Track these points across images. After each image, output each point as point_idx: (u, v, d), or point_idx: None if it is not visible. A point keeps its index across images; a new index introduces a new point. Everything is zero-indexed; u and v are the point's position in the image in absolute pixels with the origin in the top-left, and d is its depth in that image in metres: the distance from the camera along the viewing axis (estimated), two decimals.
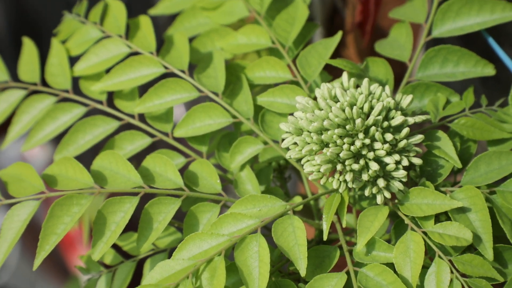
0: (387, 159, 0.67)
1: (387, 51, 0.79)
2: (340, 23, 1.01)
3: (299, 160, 0.73)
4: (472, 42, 0.83)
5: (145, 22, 0.81)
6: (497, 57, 0.79)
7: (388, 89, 0.70)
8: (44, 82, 0.83)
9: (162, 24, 0.91)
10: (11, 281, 1.71)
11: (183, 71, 0.78)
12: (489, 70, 0.75)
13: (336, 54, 0.96)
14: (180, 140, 0.79)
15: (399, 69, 0.81)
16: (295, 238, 0.66)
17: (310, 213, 0.79)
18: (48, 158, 1.72)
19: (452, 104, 0.74)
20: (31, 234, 1.69)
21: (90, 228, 0.97)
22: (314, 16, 1.02)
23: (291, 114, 0.70)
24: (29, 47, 0.84)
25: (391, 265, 0.66)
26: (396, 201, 0.69)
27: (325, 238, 0.68)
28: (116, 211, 0.69)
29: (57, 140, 0.81)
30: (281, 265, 0.71)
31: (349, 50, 1.00)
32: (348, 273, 0.67)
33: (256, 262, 0.65)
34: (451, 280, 0.65)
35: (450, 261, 0.66)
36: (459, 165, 0.69)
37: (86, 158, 0.73)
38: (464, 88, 0.77)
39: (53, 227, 0.68)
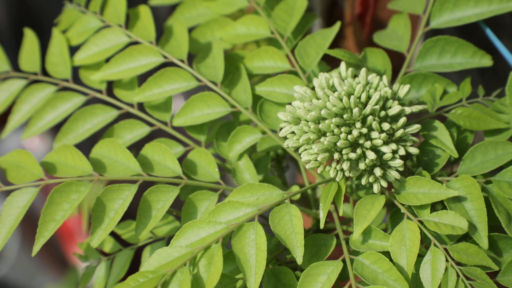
0: (384, 149, 0.68)
1: (386, 42, 0.79)
2: (339, 15, 1.01)
3: (296, 149, 0.73)
4: (470, 33, 0.83)
5: (144, 12, 0.82)
6: (494, 48, 0.80)
7: (385, 79, 0.71)
8: (44, 72, 0.83)
9: (162, 16, 0.91)
10: (10, 273, 1.71)
11: (182, 61, 0.79)
12: (486, 61, 0.76)
13: (335, 45, 0.96)
14: (179, 129, 0.79)
15: (397, 60, 0.82)
16: (292, 226, 0.67)
17: (307, 203, 0.80)
18: (47, 149, 1.72)
19: (449, 95, 0.75)
20: (31, 227, 1.70)
21: (90, 216, 0.98)
22: (314, 8, 1.02)
23: (289, 104, 0.71)
24: (30, 38, 0.85)
25: (387, 254, 0.67)
26: (392, 190, 0.70)
27: (322, 226, 0.68)
28: (115, 198, 0.70)
29: (57, 131, 0.82)
30: (278, 254, 0.72)
31: (348, 41, 1.00)
32: (344, 261, 0.67)
33: (253, 250, 0.65)
34: (446, 268, 0.66)
35: (445, 249, 0.66)
36: (455, 154, 0.70)
37: (84, 147, 0.74)
38: (462, 79, 0.77)
39: (52, 213, 0.69)
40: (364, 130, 0.68)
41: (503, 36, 0.80)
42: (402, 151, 0.68)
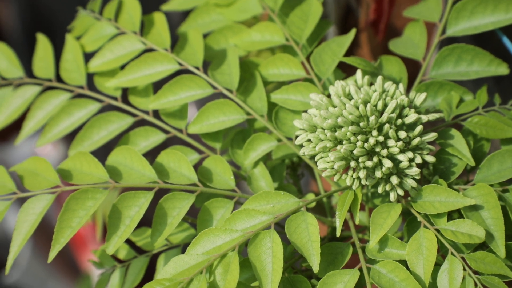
0: (401, 157, 0.68)
1: (401, 50, 0.79)
2: (354, 22, 1.01)
3: (312, 157, 0.73)
4: (486, 41, 0.83)
5: (159, 19, 0.82)
6: (510, 57, 0.79)
7: (402, 87, 0.70)
8: (59, 78, 0.83)
9: (175, 23, 0.91)
10: (22, 279, 1.72)
11: (197, 68, 0.79)
12: (502, 70, 0.76)
13: (350, 53, 0.96)
14: (194, 136, 0.79)
15: (412, 68, 0.81)
16: (308, 234, 0.67)
17: (322, 210, 0.80)
18: (60, 157, 1.73)
19: (466, 103, 0.75)
20: (42, 233, 1.70)
21: (104, 224, 0.98)
22: (328, 15, 1.02)
23: (305, 111, 0.71)
24: (43, 44, 0.85)
25: (403, 262, 0.66)
26: (409, 198, 0.70)
27: (338, 234, 0.68)
28: (130, 205, 0.70)
29: (69, 138, 0.82)
30: (293, 262, 0.72)
31: (363, 49, 1.00)
32: (360, 269, 0.67)
33: (270, 258, 0.65)
34: (464, 277, 0.65)
35: (462, 258, 0.66)
36: (472, 163, 0.70)
37: (97, 155, 0.74)
38: (478, 88, 0.77)
39: (68, 220, 0.69)
40: (381, 138, 0.68)
41: None
42: (418, 160, 0.68)
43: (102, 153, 0.76)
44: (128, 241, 0.77)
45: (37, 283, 1.73)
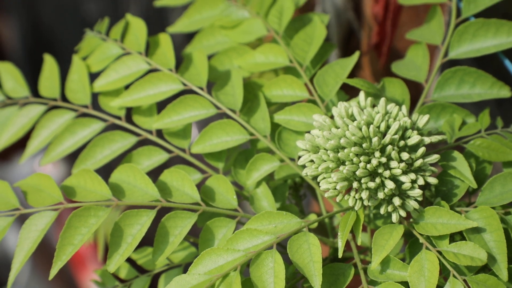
0: (403, 178, 0.68)
1: (404, 72, 0.80)
2: (356, 45, 1.02)
3: (315, 177, 0.73)
4: (488, 64, 0.84)
5: (164, 40, 0.82)
6: None
7: (404, 108, 0.71)
8: (64, 98, 0.84)
9: (177, 45, 0.92)
10: None
11: (201, 88, 0.79)
12: (505, 92, 0.76)
13: (352, 75, 0.96)
14: (197, 156, 0.80)
15: (414, 91, 0.82)
16: (310, 255, 0.67)
17: (324, 231, 0.80)
18: (60, 176, 1.73)
19: (468, 125, 0.75)
20: (42, 252, 1.70)
21: (106, 244, 0.98)
22: (330, 37, 1.03)
23: (308, 132, 0.71)
24: (50, 64, 0.86)
25: (405, 284, 0.66)
26: (411, 220, 0.70)
27: (340, 255, 0.68)
28: (133, 223, 0.70)
29: (70, 158, 0.82)
30: (295, 282, 0.72)
31: (365, 71, 1.01)
32: None
33: (272, 278, 0.65)
34: None
35: (464, 281, 0.66)
36: (474, 185, 0.70)
37: (100, 174, 0.74)
38: (480, 110, 0.77)
39: (70, 237, 0.69)
40: (383, 160, 0.68)
41: None
42: (421, 181, 0.68)
43: (103, 172, 0.76)
44: (129, 261, 0.77)
45: None
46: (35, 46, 1.73)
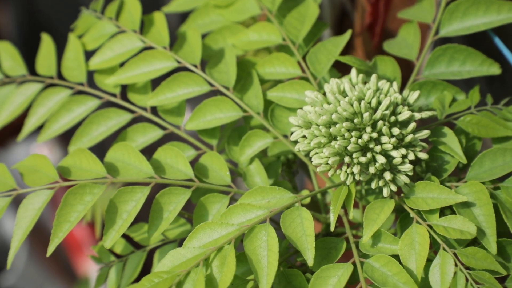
0: (394, 153, 0.69)
1: (395, 50, 0.80)
2: (349, 26, 1.03)
3: (307, 153, 0.74)
4: (479, 43, 0.84)
5: (159, 18, 0.83)
6: (503, 58, 0.81)
7: (395, 85, 0.72)
8: (60, 76, 0.85)
9: (172, 25, 0.92)
10: (18, 283, 1.72)
11: (195, 66, 0.80)
12: (494, 69, 0.77)
13: (345, 55, 0.97)
14: (191, 133, 0.81)
15: (405, 69, 0.83)
16: (303, 228, 0.68)
17: (317, 208, 0.81)
18: (56, 160, 1.73)
19: (458, 102, 0.76)
20: (38, 237, 1.71)
21: (103, 222, 0.99)
22: (324, 19, 1.03)
23: (300, 109, 0.72)
24: (47, 43, 0.86)
25: (396, 257, 0.67)
26: (402, 195, 0.71)
27: (332, 229, 0.69)
28: (127, 200, 0.71)
29: (66, 142, 0.83)
30: (288, 256, 0.73)
31: (357, 52, 1.02)
32: (354, 264, 0.68)
33: (265, 251, 0.66)
34: (455, 272, 0.66)
35: (454, 254, 0.67)
36: (464, 160, 0.71)
37: (94, 153, 0.75)
38: (470, 88, 0.78)
39: (66, 215, 0.70)
40: (374, 135, 0.69)
41: (511, 45, 0.81)
42: (411, 156, 0.69)
43: (97, 150, 0.77)
44: (125, 236, 0.78)
45: (33, 287, 1.74)
46: (32, 33, 1.73)
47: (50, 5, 1.74)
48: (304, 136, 0.71)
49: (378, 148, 0.69)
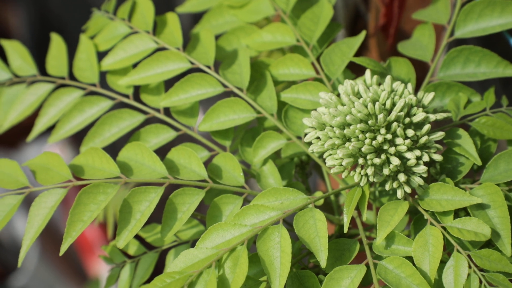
0: (408, 155, 0.69)
1: (410, 52, 0.80)
2: (363, 27, 1.02)
3: (321, 155, 0.74)
4: (494, 44, 0.84)
5: (172, 19, 0.83)
6: None
7: (410, 86, 0.71)
8: (71, 76, 0.85)
9: (184, 26, 0.92)
10: (29, 284, 1.72)
11: (208, 67, 0.80)
12: (510, 71, 0.76)
13: (359, 56, 0.97)
14: (204, 135, 0.80)
15: (420, 71, 0.82)
16: (316, 230, 0.68)
17: (330, 209, 0.81)
18: (67, 160, 1.74)
19: (473, 104, 0.76)
20: (50, 238, 1.71)
21: (115, 223, 0.99)
22: (337, 20, 1.03)
23: (315, 110, 0.72)
24: (57, 42, 0.86)
25: (410, 259, 0.67)
26: (416, 196, 0.70)
27: (345, 230, 0.69)
28: (141, 200, 0.71)
29: (77, 143, 0.83)
30: (301, 258, 0.72)
31: (372, 53, 1.01)
32: (367, 265, 0.68)
33: (278, 253, 0.66)
34: (469, 274, 0.66)
35: (468, 255, 0.67)
36: (479, 162, 0.70)
37: (107, 153, 0.75)
38: (485, 90, 0.78)
39: (79, 214, 0.70)
40: (389, 136, 0.68)
41: None
42: (426, 158, 0.69)
43: (111, 151, 0.77)
44: (138, 238, 0.78)
45: None
46: (43, 34, 1.74)
47: (62, 6, 1.74)
48: (318, 138, 0.71)
49: (392, 150, 0.68)
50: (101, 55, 0.84)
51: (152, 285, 0.63)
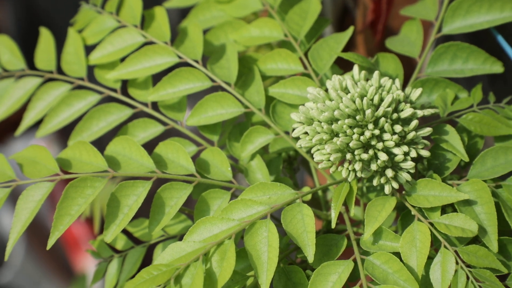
0: (396, 150, 0.69)
1: (398, 47, 0.80)
2: (351, 23, 1.02)
3: (309, 150, 0.74)
4: (481, 40, 0.84)
5: (160, 13, 0.83)
6: (505, 57, 0.81)
7: (398, 82, 0.72)
8: (60, 70, 0.84)
9: (172, 21, 0.92)
10: (15, 280, 1.72)
11: (196, 61, 0.80)
12: (497, 68, 0.77)
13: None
14: (192, 129, 0.80)
15: (407, 67, 0.83)
16: (304, 225, 0.68)
17: (318, 205, 0.81)
18: (54, 155, 1.73)
19: (461, 100, 0.76)
20: (36, 234, 1.70)
21: (102, 218, 0.99)
22: (325, 16, 1.03)
23: (303, 105, 0.72)
24: (46, 37, 0.86)
25: (397, 255, 0.67)
26: (403, 192, 0.71)
27: (333, 226, 0.69)
28: (129, 194, 0.71)
29: (64, 138, 0.83)
30: (289, 253, 0.73)
31: (359, 49, 1.01)
32: (355, 261, 0.68)
33: (265, 247, 0.66)
34: (456, 270, 0.66)
35: (455, 251, 0.67)
36: (466, 158, 0.71)
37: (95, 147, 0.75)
38: (472, 86, 0.78)
39: (67, 208, 0.70)
40: (376, 132, 0.69)
41: None
42: (413, 153, 0.69)
43: (97, 146, 0.77)
44: (125, 232, 0.78)
45: (30, 284, 1.74)
46: (30, 28, 1.73)
47: (50, 1, 1.73)
48: (306, 133, 0.71)
49: (380, 145, 0.69)
50: (89, 49, 0.84)
51: (139, 277, 0.63)
